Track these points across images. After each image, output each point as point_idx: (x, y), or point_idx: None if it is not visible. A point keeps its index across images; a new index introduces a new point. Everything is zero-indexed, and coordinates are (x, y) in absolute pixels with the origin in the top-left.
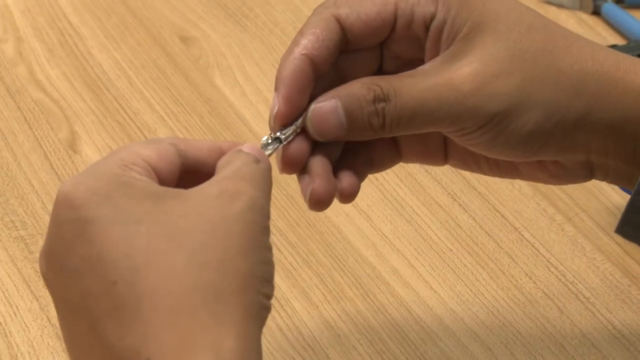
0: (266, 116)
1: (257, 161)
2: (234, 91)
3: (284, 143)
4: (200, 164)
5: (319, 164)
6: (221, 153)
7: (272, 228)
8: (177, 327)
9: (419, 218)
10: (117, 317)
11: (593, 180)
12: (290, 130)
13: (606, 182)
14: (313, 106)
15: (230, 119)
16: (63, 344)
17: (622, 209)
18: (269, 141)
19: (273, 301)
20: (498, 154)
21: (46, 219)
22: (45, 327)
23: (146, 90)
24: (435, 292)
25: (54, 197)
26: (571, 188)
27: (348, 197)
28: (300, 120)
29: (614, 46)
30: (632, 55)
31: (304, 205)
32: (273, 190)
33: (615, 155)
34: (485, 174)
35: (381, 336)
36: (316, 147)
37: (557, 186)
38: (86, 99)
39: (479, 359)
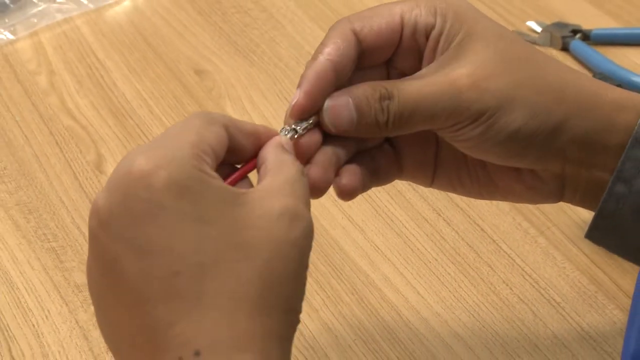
0: None
1: (303, 173)
2: (243, 118)
3: (300, 134)
4: (241, 147)
5: (322, 155)
6: (258, 139)
7: None
8: (232, 328)
9: (407, 231)
10: (173, 305)
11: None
12: (305, 124)
13: (573, 202)
14: (328, 101)
15: None
16: (90, 344)
17: (589, 222)
18: (286, 133)
19: None
20: (485, 152)
21: (75, 232)
22: (74, 329)
23: (165, 117)
24: (422, 297)
25: (82, 212)
26: (543, 205)
27: (346, 194)
28: (314, 117)
29: None
30: None
31: None
32: None
33: (589, 167)
34: (466, 193)
35: (374, 337)
36: (326, 145)
37: None
38: (111, 125)
39: (462, 357)
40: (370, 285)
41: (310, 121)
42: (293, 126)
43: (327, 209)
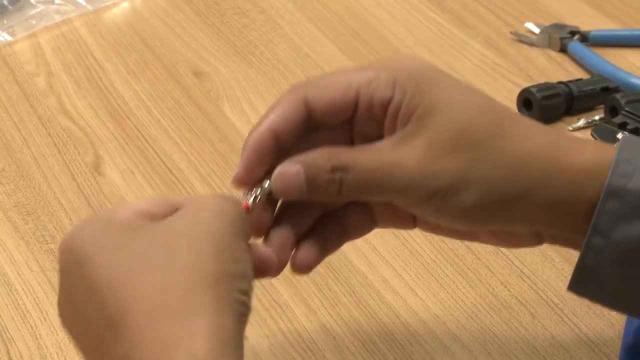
0: None
1: (220, 195)
2: (242, 120)
3: (258, 199)
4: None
5: (277, 235)
6: None
7: None
8: (153, 328)
9: (405, 233)
10: (110, 333)
11: None
12: (260, 190)
13: (557, 245)
14: (278, 168)
15: (238, 144)
16: None
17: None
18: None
19: (276, 307)
20: (446, 222)
21: None
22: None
23: (163, 119)
24: (420, 298)
25: (81, 214)
26: None
27: (300, 269)
28: (267, 183)
29: (579, 80)
30: (596, 88)
31: None
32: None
33: (560, 227)
34: (450, 236)
35: (372, 338)
36: (286, 214)
37: None
38: (109, 126)
39: (460, 359)
40: (369, 287)
41: (266, 185)
42: (247, 195)
43: None
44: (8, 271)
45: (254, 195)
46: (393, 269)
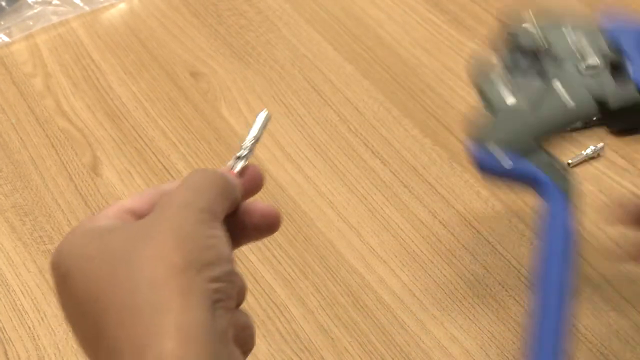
0: (267, 143)
1: (201, 169)
2: (239, 121)
3: (245, 157)
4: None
5: None
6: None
7: (272, 242)
8: (125, 334)
9: (403, 233)
10: (93, 342)
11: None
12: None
13: None
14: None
15: (235, 145)
16: None
17: (586, 225)
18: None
19: (273, 308)
20: None
21: None
22: (70, 331)
23: (160, 120)
24: (418, 299)
25: (78, 214)
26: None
27: None
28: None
29: None
30: None
31: (302, 222)
32: None
33: None
34: None
35: (370, 339)
36: None
37: (527, 205)
38: (107, 127)
39: (458, 359)
40: (366, 287)
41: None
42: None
43: (322, 211)
44: (5, 272)
45: (242, 159)
46: (390, 269)
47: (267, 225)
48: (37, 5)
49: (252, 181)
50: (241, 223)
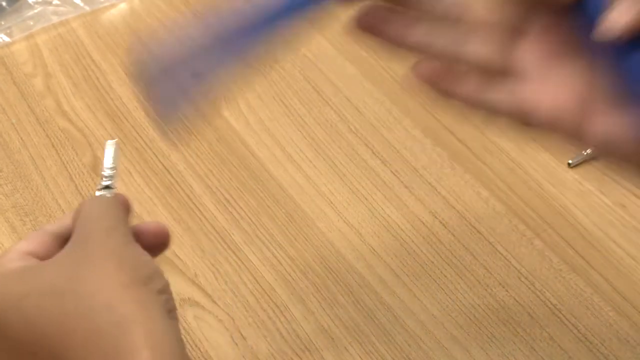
0: (267, 142)
1: (92, 198)
2: (239, 121)
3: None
4: (69, 229)
5: None
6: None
7: (272, 243)
8: (92, 354)
9: (403, 234)
10: None
11: (559, 199)
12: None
13: None
14: None
15: (236, 145)
16: None
17: (586, 226)
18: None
19: (274, 308)
20: None
21: None
22: None
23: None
24: (419, 299)
25: None
26: (540, 207)
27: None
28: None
29: None
30: None
31: (302, 223)
32: (274, 209)
33: None
34: None
35: (370, 339)
36: None
37: (527, 205)
38: (107, 127)
39: (458, 359)
40: (366, 287)
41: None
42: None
43: (323, 211)
44: None
45: (109, 189)
46: (391, 269)
47: (160, 244)
48: (38, 5)
49: (126, 204)
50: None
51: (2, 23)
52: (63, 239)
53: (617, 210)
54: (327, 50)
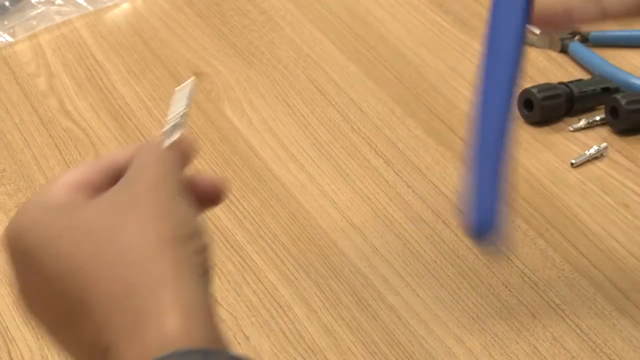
0: (271, 142)
1: (149, 145)
2: (242, 120)
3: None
4: (124, 166)
5: None
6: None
7: (275, 242)
8: (118, 309)
9: (406, 233)
10: (75, 319)
11: (562, 199)
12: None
13: None
14: None
15: (239, 145)
16: None
17: (589, 225)
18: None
19: (277, 308)
20: None
21: None
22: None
23: (163, 119)
24: (422, 299)
25: None
26: (543, 207)
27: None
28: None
29: (579, 80)
30: (597, 89)
31: (305, 222)
32: (277, 209)
33: None
34: None
35: (373, 339)
36: None
37: (529, 205)
38: (110, 127)
39: (461, 359)
40: (369, 287)
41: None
42: (171, 124)
43: (326, 211)
44: (9, 272)
45: (178, 129)
46: (394, 269)
47: (215, 198)
48: (41, 5)
49: (189, 149)
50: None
51: (5, 23)
52: (116, 175)
53: (620, 210)
54: (330, 50)
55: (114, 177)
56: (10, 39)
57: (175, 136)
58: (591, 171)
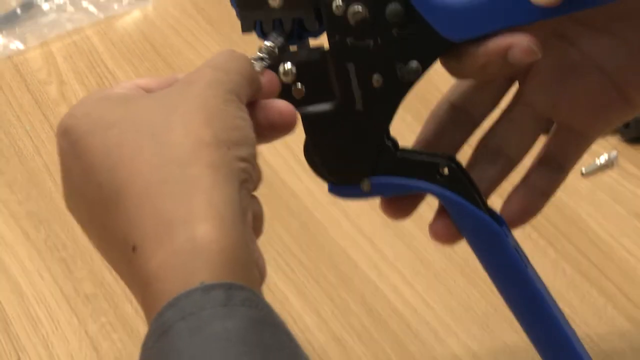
0: (281, 151)
1: (229, 50)
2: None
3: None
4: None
5: None
6: None
7: (285, 251)
8: (150, 208)
9: (416, 242)
10: (109, 214)
11: (573, 208)
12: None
13: None
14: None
15: None
16: (99, 355)
17: (600, 235)
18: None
19: (287, 318)
20: None
21: (85, 243)
22: (84, 340)
23: None
24: (432, 308)
25: None
26: (553, 216)
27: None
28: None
29: None
30: None
31: (315, 231)
32: (287, 218)
33: None
34: None
35: (383, 348)
36: None
37: (541, 214)
38: None
39: None
40: (380, 296)
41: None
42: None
43: (336, 220)
44: (20, 280)
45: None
46: (404, 278)
47: (283, 124)
48: (52, 13)
49: (269, 83)
50: (256, 119)
51: (17, 30)
52: None
53: (631, 219)
54: None
55: None
56: (21, 46)
57: (264, 62)
58: (602, 180)
